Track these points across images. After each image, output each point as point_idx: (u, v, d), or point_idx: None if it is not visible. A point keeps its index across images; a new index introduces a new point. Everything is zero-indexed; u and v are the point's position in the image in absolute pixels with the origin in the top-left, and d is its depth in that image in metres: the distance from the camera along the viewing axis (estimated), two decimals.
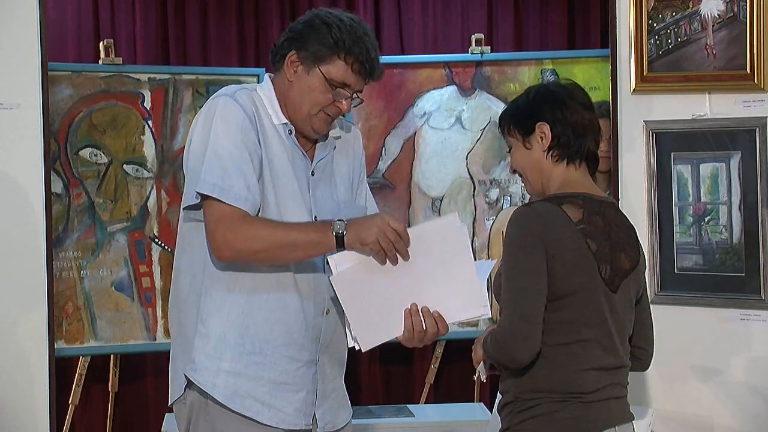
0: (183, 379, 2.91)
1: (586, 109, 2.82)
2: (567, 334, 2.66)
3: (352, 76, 2.90)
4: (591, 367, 2.67)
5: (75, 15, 5.48)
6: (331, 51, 2.87)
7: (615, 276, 2.70)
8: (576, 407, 2.65)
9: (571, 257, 2.64)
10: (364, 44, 2.88)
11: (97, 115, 4.89)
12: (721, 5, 3.67)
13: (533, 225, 2.65)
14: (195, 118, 2.92)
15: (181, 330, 2.94)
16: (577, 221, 2.67)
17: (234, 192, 2.78)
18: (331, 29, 2.87)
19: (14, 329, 3.91)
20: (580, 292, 2.65)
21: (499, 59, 5.31)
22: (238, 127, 2.83)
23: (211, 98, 2.90)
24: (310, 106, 2.91)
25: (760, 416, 3.67)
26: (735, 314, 3.70)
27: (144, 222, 4.94)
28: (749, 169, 3.66)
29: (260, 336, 2.86)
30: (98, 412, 5.43)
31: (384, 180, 5.25)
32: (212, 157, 2.80)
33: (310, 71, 2.89)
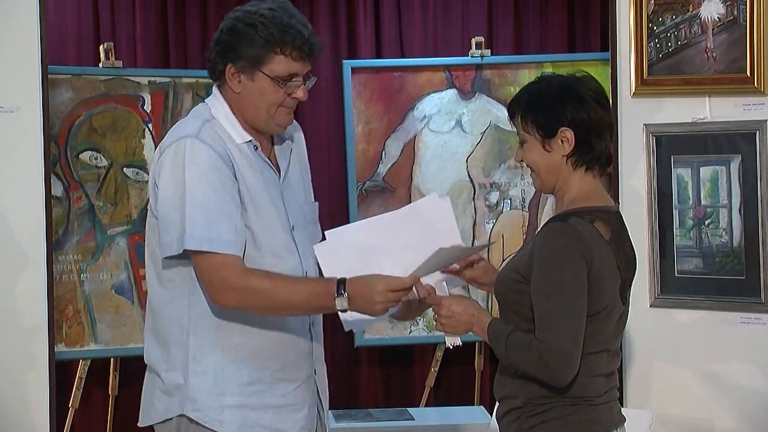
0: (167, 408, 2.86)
1: (605, 108, 2.74)
2: (587, 346, 2.64)
3: (295, 64, 2.82)
4: (601, 373, 2.69)
5: (75, 18, 5.47)
6: (265, 50, 2.80)
7: (624, 288, 2.72)
8: (586, 410, 2.66)
9: (606, 276, 2.63)
10: (294, 29, 2.81)
11: (97, 118, 4.89)
12: (721, 8, 3.67)
13: (577, 243, 2.61)
14: (159, 160, 2.81)
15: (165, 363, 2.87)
16: (609, 240, 2.65)
17: (222, 239, 2.73)
18: (257, 29, 2.79)
19: (14, 332, 3.91)
20: (609, 309, 2.66)
21: (499, 62, 5.31)
22: (212, 168, 2.76)
23: (173, 140, 2.80)
24: (268, 107, 2.85)
25: (761, 419, 3.67)
26: (735, 317, 3.70)
27: (144, 225, 4.91)
28: (749, 172, 3.66)
29: (257, 365, 2.85)
30: (98, 415, 5.42)
31: (384, 183, 5.25)
32: (193, 208, 2.73)
33: (253, 77, 2.82)
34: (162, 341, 2.88)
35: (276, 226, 2.86)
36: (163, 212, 2.79)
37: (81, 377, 4.89)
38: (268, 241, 2.84)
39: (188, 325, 2.84)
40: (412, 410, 4.82)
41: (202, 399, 2.82)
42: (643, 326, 3.82)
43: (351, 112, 5.18)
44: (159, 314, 2.89)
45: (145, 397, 2.95)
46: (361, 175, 5.21)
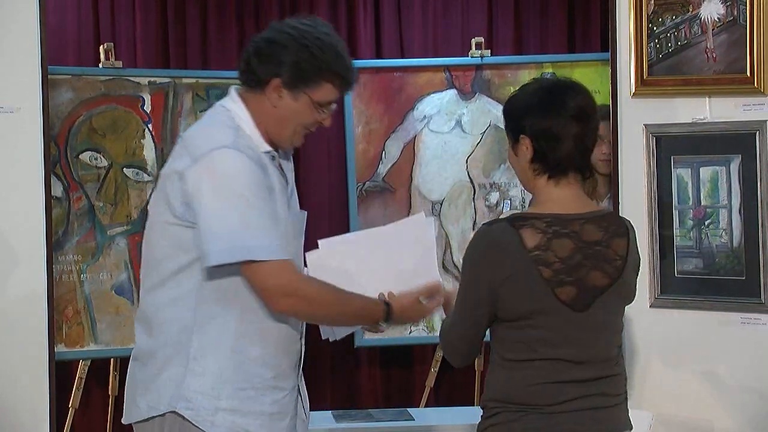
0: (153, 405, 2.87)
1: (577, 118, 2.68)
2: (525, 352, 2.67)
3: (337, 94, 2.88)
4: (554, 381, 2.66)
5: (75, 19, 5.48)
6: (317, 75, 2.82)
7: (583, 296, 2.67)
8: (534, 418, 2.65)
9: (521, 284, 2.64)
10: (345, 59, 2.85)
11: (97, 118, 4.89)
12: (721, 9, 3.67)
13: (485, 248, 2.67)
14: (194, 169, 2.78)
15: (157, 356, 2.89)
16: (532, 247, 2.64)
17: (276, 247, 2.77)
18: (314, 52, 2.80)
19: (14, 333, 3.91)
20: (535, 316, 2.65)
21: (499, 63, 5.32)
22: (255, 178, 2.77)
23: (208, 149, 2.79)
24: (296, 127, 2.88)
25: (761, 420, 3.67)
26: (735, 318, 3.70)
27: (144, 226, 4.92)
28: (749, 173, 3.66)
29: (252, 371, 2.87)
30: (98, 415, 5.42)
31: (384, 184, 5.25)
32: (246, 219, 2.74)
33: (296, 97, 2.84)
34: (156, 338, 2.89)
35: (290, 233, 2.91)
36: (209, 222, 2.76)
37: (81, 377, 4.89)
38: (289, 248, 2.89)
39: (192, 325, 2.85)
40: (412, 411, 4.82)
41: (198, 399, 2.83)
42: (643, 326, 3.83)
43: (351, 113, 5.18)
44: (157, 313, 2.89)
45: (129, 392, 2.96)
46: (361, 175, 5.22)
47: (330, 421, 4.57)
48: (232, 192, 2.75)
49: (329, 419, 4.58)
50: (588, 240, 2.68)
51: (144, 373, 2.91)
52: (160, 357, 2.87)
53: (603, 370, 2.71)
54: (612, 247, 2.72)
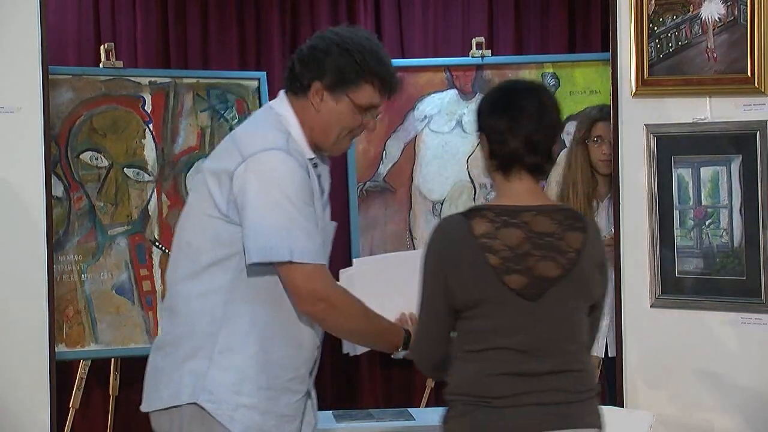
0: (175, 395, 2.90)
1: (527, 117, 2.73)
2: (478, 342, 2.70)
3: (378, 97, 2.95)
4: (503, 372, 2.68)
5: (76, 18, 5.48)
6: (357, 77, 2.90)
7: (534, 285, 2.68)
8: (485, 411, 2.68)
9: (468, 271, 2.68)
10: (387, 64, 2.93)
11: (97, 118, 4.89)
12: (721, 9, 3.67)
13: (436, 241, 2.74)
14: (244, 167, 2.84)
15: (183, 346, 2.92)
16: (479, 235, 2.68)
17: (317, 251, 2.85)
18: (354, 55, 2.89)
19: (15, 332, 3.91)
20: (485, 304, 2.68)
21: (500, 63, 5.32)
22: (302, 183, 2.85)
23: (259, 150, 2.84)
24: (339, 131, 2.95)
25: (761, 419, 3.67)
26: (736, 318, 3.70)
27: (145, 226, 4.94)
28: (750, 173, 3.65)
29: (273, 372, 2.92)
30: (99, 416, 5.43)
31: (385, 184, 5.25)
32: (290, 221, 2.81)
33: (338, 99, 2.92)
34: (182, 329, 2.93)
35: (327, 241, 3.00)
36: (254, 220, 2.83)
37: (81, 377, 4.89)
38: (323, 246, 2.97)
39: (221, 320, 2.89)
40: (412, 410, 4.81)
41: (220, 393, 2.87)
42: (644, 326, 3.83)
43: None
44: (187, 303, 2.93)
45: (150, 381, 2.99)
46: (361, 175, 5.22)
47: (330, 421, 4.56)
48: (279, 193, 2.82)
49: (330, 419, 4.58)
50: (538, 231, 2.71)
51: (166, 363, 2.95)
52: (186, 348, 2.91)
53: (560, 364, 2.70)
54: (565, 240, 2.72)
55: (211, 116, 5.10)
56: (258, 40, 5.74)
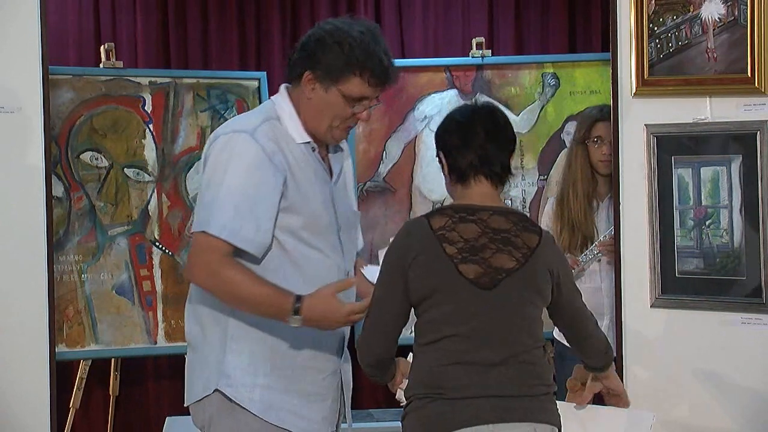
0: (205, 386, 2.99)
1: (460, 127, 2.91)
2: (433, 332, 2.80)
3: (369, 89, 2.97)
4: (456, 361, 2.77)
5: (76, 19, 5.48)
6: (345, 70, 2.94)
7: (489, 274, 2.80)
8: (439, 404, 2.75)
9: (425, 261, 2.79)
10: (376, 56, 2.95)
11: (98, 118, 4.89)
12: (721, 9, 3.67)
13: (396, 240, 2.87)
14: (210, 147, 2.97)
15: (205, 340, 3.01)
16: (437, 228, 2.82)
17: (242, 234, 2.87)
18: (343, 48, 2.93)
19: (15, 333, 3.91)
20: (439, 292, 2.79)
21: (500, 63, 5.32)
22: (256, 167, 2.89)
23: (228, 131, 2.95)
24: (331, 120, 2.99)
25: (761, 419, 3.67)
26: (736, 318, 3.70)
27: (145, 226, 4.94)
28: (750, 173, 3.65)
29: (289, 352, 2.98)
30: (99, 416, 5.43)
31: (385, 184, 5.25)
32: (225, 197, 2.87)
33: (327, 89, 2.96)
34: (200, 319, 3.02)
35: (323, 224, 3.01)
36: (201, 195, 2.95)
37: (82, 378, 4.90)
38: (314, 238, 2.99)
39: (230, 308, 2.95)
40: None
41: (237, 375, 2.95)
42: (644, 326, 3.83)
43: None
44: (202, 299, 3.01)
45: (187, 377, 3.08)
46: (362, 175, 5.22)
47: None
48: (225, 171, 2.88)
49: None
50: (495, 227, 2.84)
51: (196, 357, 3.04)
52: (207, 341, 3.00)
53: (511, 355, 2.79)
54: (520, 237, 2.85)
55: (211, 116, 5.10)
56: (258, 40, 5.74)
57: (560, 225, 4.46)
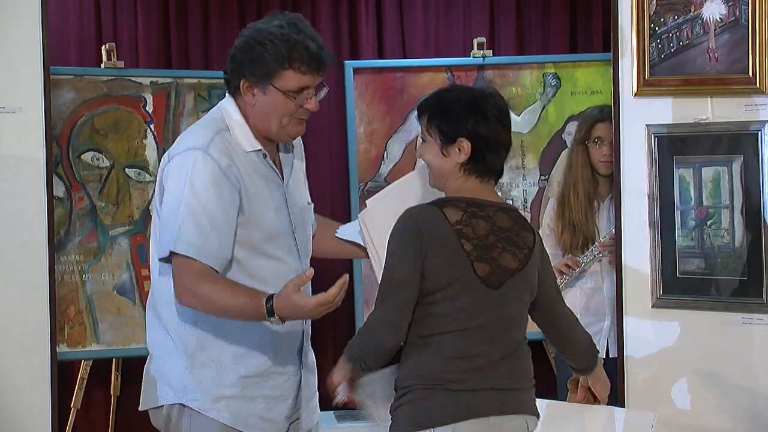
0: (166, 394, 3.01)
1: (504, 127, 2.91)
2: (438, 326, 2.81)
3: (304, 78, 2.96)
4: (460, 356, 2.79)
5: (77, 19, 5.48)
6: (275, 67, 2.94)
7: (497, 274, 2.83)
8: (440, 395, 2.78)
9: (445, 255, 2.80)
10: (301, 44, 2.94)
11: (99, 118, 4.89)
12: (723, 9, 3.67)
13: (409, 224, 2.82)
14: (167, 167, 2.99)
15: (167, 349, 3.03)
16: (454, 222, 2.82)
17: (206, 250, 2.89)
18: (266, 47, 2.93)
19: (16, 333, 3.91)
20: (453, 286, 2.80)
21: (501, 63, 5.31)
22: (213, 184, 2.90)
23: (182, 149, 2.96)
24: (280, 118, 2.99)
25: (762, 420, 3.67)
26: (737, 318, 3.70)
27: (146, 226, 4.93)
28: (751, 173, 3.66)
29: (254, 360, 3.00)
30: (100, 416, 5.42)
31: (386, 184, 5.23)
32: (187, 215, 2.89)
33: (266, 91, 2.97)
34: (164, 331, 3.03)
35: (277, 229, 3.02)
36: (164, 217, 2.95)
37: (83, 378, 4.89)
38: (270, 247, 3.00)
39: (194, 317, 2.97)
40: None
41: (202, 389, 2.97)
42: (645, 327, 3.83)
43: (353, 113, 5.18)
44: (163, 306, 3.02)
45: (145, 383, 3.10)
46: (362, 175, 5.21)
47: (332, 422, 4.57)
48: (183, 191, 2.90)
49: (331, 419, 4.59)
50: (500, 226, 2.87)
51: (156, 365, 3.06)
52: (171, 350, 3.01)
53: (509, 352, 2.85)
54: (521, 236, 2.90)
55: None
56: None
57: (561, 225, 4.46)
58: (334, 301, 2.78)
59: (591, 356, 3.09)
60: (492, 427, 2.78)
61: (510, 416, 2.81)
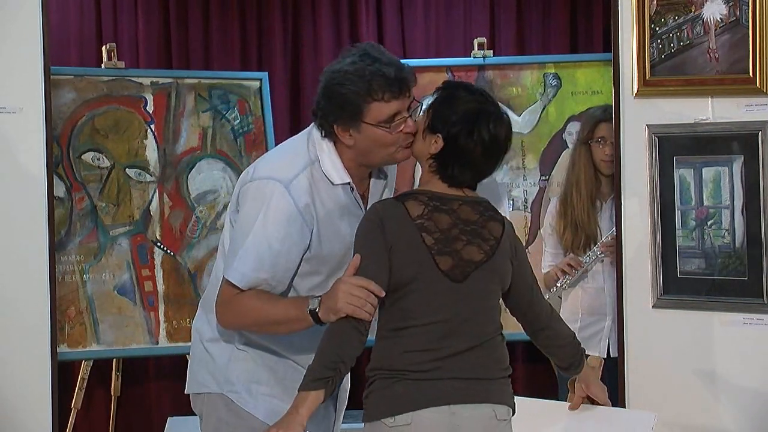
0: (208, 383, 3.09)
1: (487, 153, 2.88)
2: (401, 320, 2.83)
3: (392, 104, 2.94)
4: (423, 348, 2.81)
5: (78, 19, 5.48)
6: (360, 104, 2.92)
7: (460, 267, 2.84)
8: (403, 384, 2.81)
9: (407, 250, 2.82)
10: (378, 74, 2.92)
11: (99, 119, 4.89)
12: (723, 9, 3.67)
13: (373, 219, 2.84)
14: (244, 189, 3.00)
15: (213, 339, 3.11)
16: (415, 216, 2.84)
17: (250, 277, 2.93)
18: (344, 87, 2.92)
19: (16, 333, 3.91)
20: (416, 282, 2.82)
21: (502, 63, 5.31)
22: (286, 220, 2.93)
23: (265, 176, 2.97)
24: (385, 149, 2.97)
25: (763, 420, 3.67)
26: (737, 318, 3.70)
27: (146, 226, 4.94)
28: (752, 173, 3.65)
29: (292, 364, 3.07)
30: (101, 416, 5.43)
31: None
32: (250, 247, 2.93)
33: (360, 129, 2.94)
34: (212, 322, 3.09)
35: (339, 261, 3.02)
36: (234, 237, 3.02)
37: (83, 378, 4.90)
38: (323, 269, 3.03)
39: None
40: None
41: (241, 382, 3.05)
42: (645, 327, 3.83)
43: None
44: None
45: (190, 367, 3.18)
46: None
47: None
48: (255, 221, 2.93)
49: None
50: (464, 218, 2.88)
51: (202, 351, 3.13)
52: (214, 342, 3.10)
53: (479, 344, 2.86)
54: (487, 228, 2.90)
55: (212, 117, 5.10)
56: (260, 40, 5.74)
57: (563, 224, 4.46)
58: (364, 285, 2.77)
59: (575, 354, 3.07)
60: (453, 416, 2.79)
61: (474, 405, 2.82)
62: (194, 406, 3.16)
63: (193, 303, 4.91)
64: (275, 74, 5.55)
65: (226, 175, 5.09)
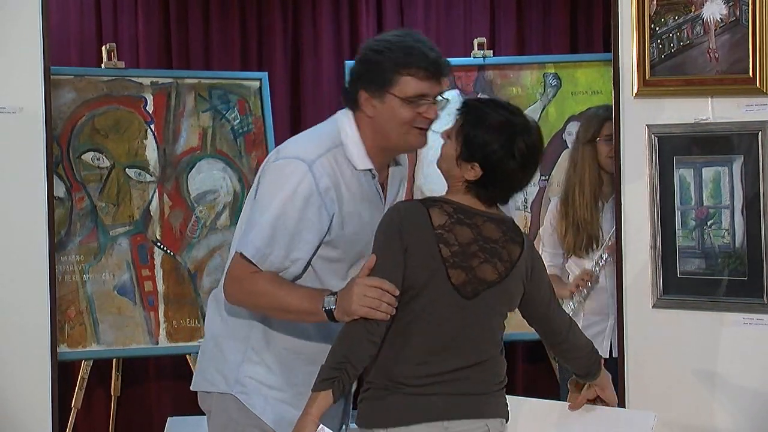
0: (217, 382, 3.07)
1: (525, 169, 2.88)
2: (409, 326, 2.81)
3: (423, 84, 2.94)
4: (421, 362, 2.80)
5: (78, 19, 5.49)
6: (392, 73, 2.92)
7: (472, 284, 2.82)
8: (397, 397, 2.80)
9: (422, 256, 2.79)
10: (419, 50, 2.93)
11: (99, 119, 4.90)
12: (723, 9, 3.67)
13: (394, 218, 2.83)
14: (270, 165, 2.99)
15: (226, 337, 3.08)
16: (437, 225, 2.81)
17: (270, 260, 2.91)
18: (383, 54, 2.93)
19: (17, 333, 3.91)
20: (426, 291, 2.80)
21: (502, 63, 5.32)
22: (304, 201, 2.91)
23: (290, 155, 2.96)
24: (399, 127, 2.96)
25: (762, 420, 3.67)
26: (737, 318, 3.69)
27: (146, 226, 4.94)
28: (752, 173, 3.65)
29: (306, 370, 2.98)
30: (101, 416, 5.43)
31: None
32: (266, 222, 2.91)
33: (384, 99, 2.94)
34: (226, 320, 3.07)
35: (361, 248, 2.99)
36: (250, 213, 3.00)
37: (83, 378, 4.90)
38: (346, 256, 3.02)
39: (258, 319, 3.03)
40: None
41: (252, 385, 3.03)
42: (645, 327, 3.82)
43: None
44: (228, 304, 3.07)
45: (200, 364, 3.16)
46: None
47: None
48: (273, 198, 2.92)
49: None
50: (486, 236, 2.85)
51: (214, 348, 3.10)
52: (227, 341, 3.07)
53: (474, 360, 2.84)
54: (507, 249, 2.87)
55: (212, 117, 5.11)
56: (260, 40, 5.75)
57: (565, 225, 4.46)
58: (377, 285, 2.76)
59: (593, 362, 3.07)
60: (447, 431, 2.79)
61: (468, 420, 2.81)
62: (202, 403, 3.14)
63: (194, 303, 4.91)
64: (275, 74, 5.55)
65: (226, 175, 5.10)
